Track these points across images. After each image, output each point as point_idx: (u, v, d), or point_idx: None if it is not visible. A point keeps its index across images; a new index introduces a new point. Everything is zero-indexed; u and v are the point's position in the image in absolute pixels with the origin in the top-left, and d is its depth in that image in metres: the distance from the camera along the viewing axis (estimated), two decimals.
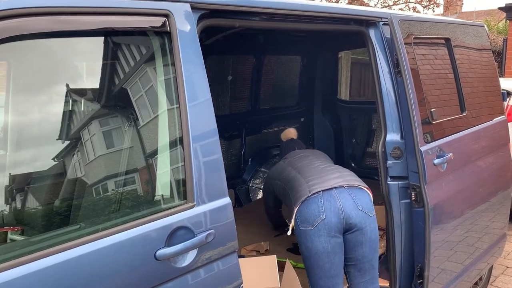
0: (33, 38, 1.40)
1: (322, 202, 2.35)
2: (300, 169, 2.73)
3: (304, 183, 2.51)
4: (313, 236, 2.31)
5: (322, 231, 2.30)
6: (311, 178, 2.54)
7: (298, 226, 2.38)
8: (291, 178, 2.68)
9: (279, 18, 2.17)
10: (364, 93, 5.21)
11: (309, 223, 2.33)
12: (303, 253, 2.39)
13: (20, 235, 1.41)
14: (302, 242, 2.37)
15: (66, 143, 1.56)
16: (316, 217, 2.31)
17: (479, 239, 3.09)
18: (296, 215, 2.39)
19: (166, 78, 1.69)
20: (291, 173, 2.74)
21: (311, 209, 2.34)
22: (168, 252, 1.51)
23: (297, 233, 2.40)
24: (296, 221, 2.40)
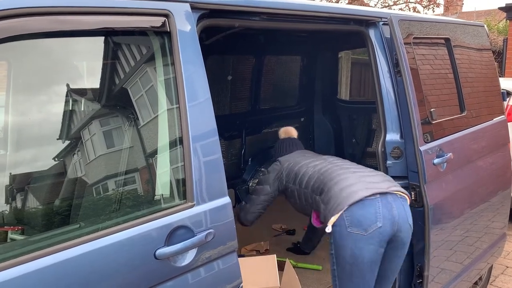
0: (33, 38, 1.41)
1: (380, 208, 2.12)
2: (341, 166, 2.45)
3: (356, 180, 2.25)
4: (364, 243, 2.09)
5: (374, 240, 2.10)
6: (363, 176, 2.29)
7: (344, 228, 2.12)
8: (328, 172, 2.39)
9: (279, 18, 2.17)
10: (364, 93, 5.21)
11: (362, 227, 2.09)
12: (344, 258, 2.15)
13: (21, 235, 1.42)
14: (346, 246, 2.12)
15: (66, 143, 1.56)
16: (372, 223, 2.09)
17: (478, 239, 3.09)
18: (345, 214, 2.12)
19: (166, 78, 1.69)
20: (325, 167, 2.45)
21: (367, 212, 2.10)
22: (167, 251, 1.51)
23: (340, 235, 2.13)
24: (342, 221, 2.13)
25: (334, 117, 4.79)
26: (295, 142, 3.06)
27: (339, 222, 2.13)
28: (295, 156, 2.80)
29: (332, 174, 2.36)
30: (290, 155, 2.86)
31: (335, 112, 4.79)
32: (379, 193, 2.15)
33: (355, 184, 2.22)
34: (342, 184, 2.24)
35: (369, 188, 2.18)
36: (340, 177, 2.30)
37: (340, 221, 2.13)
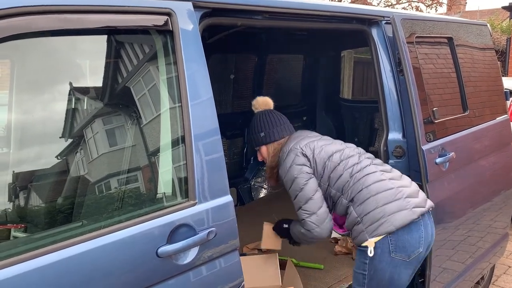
0: (35, 37, 1.41)
1: (423, 232, 2.00)
2: (374, 166, 2.14)
3: (398, 194, 2.01)
4: (404, 269, 2.00)
5: (413, 265, 2.02)
6: (401, 188, 2.05)
7: (387, 252, 1.97)
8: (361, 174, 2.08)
9: (281, 16, 2.17)
10: (366, 92, 5.20)
11: (406, 253, 1.97)
12: (380, 282, 2.01)
13: (23, 232, 1.42)
14: (385, 271, 1.99)
15: (69, 141, 1.57)
16: (415, 249, 1.99)
17: (481, 239, 3.09)
18: (391, 238, 1.96)
19: (168, 77, 1.70)
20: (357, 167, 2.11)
21: (413, 238, 1.98)
22: (169, 249, 1.51)
23: (381, 258, 1.98)
24: (386, 244, 1.96)
25: (336, 116, 4.79)
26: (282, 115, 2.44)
27: (382, 245, 1.97)
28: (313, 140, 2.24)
29: (367, 181, 2.06)
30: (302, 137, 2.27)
31: (337, 111, 4.78)
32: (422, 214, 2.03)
33: (398, 201, 2.00)
34: (383, 198, 2.00)
35: (414, 208, 2.01)
36: (379, 187, 2.03)
37: (383, 244, 1.97)
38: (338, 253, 3.39)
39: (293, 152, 2.18)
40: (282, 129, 2.36)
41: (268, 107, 2.46)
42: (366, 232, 2.00)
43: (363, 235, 2.01)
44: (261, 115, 2.40)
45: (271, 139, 2.33)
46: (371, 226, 1.99)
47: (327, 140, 2.29)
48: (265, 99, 2.49)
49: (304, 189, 2.10)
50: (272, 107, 2.49)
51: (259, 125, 2.37)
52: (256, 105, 2.47)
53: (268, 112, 2.41)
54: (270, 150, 2.35)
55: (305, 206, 2.10)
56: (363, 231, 2.01)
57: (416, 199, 2.06)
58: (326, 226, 2.10)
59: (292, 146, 2.22)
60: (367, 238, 1.99)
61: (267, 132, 2.34)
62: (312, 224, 2.09)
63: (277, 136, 2.33)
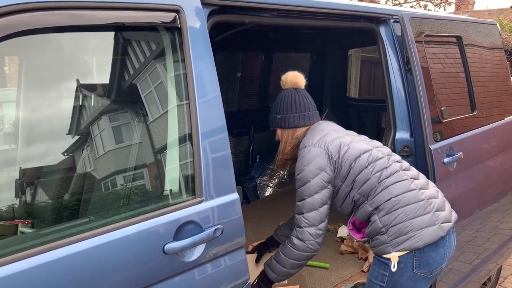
0: (43, 33, 1.41)
1: (447, 248, 1.92)
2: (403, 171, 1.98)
3: (428, 207, 1.90)
4: (424, 285, 1.93)
5: (433, 279, 1.96)
6: (429, 199, 1.93)
7: (410, 268, 1.87)
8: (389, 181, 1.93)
9: (289, 14, 2.16)
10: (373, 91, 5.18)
11: (429, 270, 1.89)
12: None
13: (31, 228, 1.43)
14: (405, 285, 1.90)
15: (76, 138, 1.57)
16: (439, 266, 1.91)
17: (488, 240, 3.06)
18: (416, 254, 1.86)
19: (176, 74, 1.69)
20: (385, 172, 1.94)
21: (438, 255, 1.89)
22: (176, 246, 1.51)
23: (403, 274, 1.88)
24: (410, 259, 1.87)
25: (343, 115, 4.77)
26: (310, 100, 2.16)
27: (406, 260, 1.86)
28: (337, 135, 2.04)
29: (396, 189, 1.91)
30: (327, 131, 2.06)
31: (344, 110, 4.77)
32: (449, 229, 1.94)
33: (428, 215, 1.89)
34: (413, 210, 1.88)
35: (443, 224, 1.91)
36: (408, 198, 1.90)
37: (407, 259, 1.86)
38: (344, 252, 3.38)
39: (317, 149, 1.96)
40: (302, 116, 2.10)
41: (297, 86, 2.16)
42: (391, 245, 1.87)
43: (386, 247, 1.89)
44: (285, 95, 2.14)
45: (286, 124, 2.10)
46: (397, 240, 1.86)
47: (353, 136, 2.09)
48: (295, 76, 2.17)
49: (313, 197, 1.93)
50: (302, 86, 2.18)
51: (279, 105, 2.12)
52: (284, 82, 2.19)
53: (293, 93, 2.12)
54: (284, 135, 2.13)
55: (308, 215, 1.95)
56: (387, 243, 1.88)
57: (444, 213, 1.95)
58: (320, 241, 1.97)
59: (316, 141, 1.99)
60: (390, 251, 1.87)
61: (283, 116, 2.10)
62: (310, 235, 1.94)
63: (295, 123, 2.09)
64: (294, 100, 2.11)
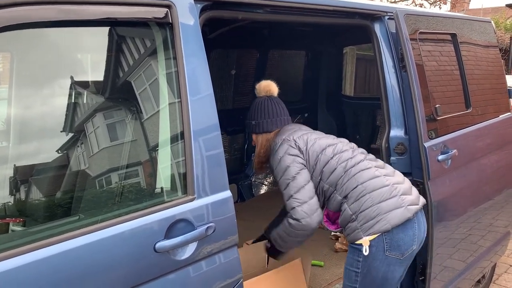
0: (33, 28, 1.39)
1: (416, 229, 1.99)
2: (368, 161, 2.11)
3: (394, 191, 2.00)
4: (398, 267, 1.99)
5: (406, 261, 2.01)
6: (395, 185, 2.03)
7: (381, 251, 1.95)
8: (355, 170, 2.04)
9: (283, 10, 2.15)
10: (368, 89, 5.18)
11: (400, 252, 1.96)
12: (373, 281, 2.00)
13: (22, 227, 1.41)
14: (380, 270, 1.97)
15: (68, 136, 1.55)
16: (409, 247, 1.97)
17: (482, 237, 3.07)
18: (386, 236, 1.94)
19: (168, 71, 1.68)
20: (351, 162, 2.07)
21: (407, 236, 1.97)
22: (167, 244, 1.50)
23: (375, 257, 1.95)
24: (381, 243, 1.95)
25: (338, 113, 4.77)
26: (282, 106, 2.34)
27: (377, 243, 1.95)
28: (305, 132, 2.20)
29: (362, 176, 2.03)
30: (296, 130, 2.22)
31: (339, 108, 4.77)
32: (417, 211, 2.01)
33: (394, 199, 1.98)
34: (379, 196, 1.98)
35: (409, 206, 1.99)
36: (374, 184, 2.01)
37: (378, 243, 1.94)
38: (338, 250, 3.38)
39: (287, 143, 2.11)
40: (275, 121, 2.26)
41: (270, 94, 2.34)
42: (361, 230, 1.96)
43: (357, 233, 1.98)
44: (259, 102, 2.30)
45: (260, 129, 2.26)
46: (366, 224, 1.96)
47: (320, 134, 2.23)
48: (268, 85, 2.36)
49: (296, 178, 2.03)
50: (275, 93, 2.36)
51: (253, 112, 2.29)
52: (258, 90, 2.36)
53: (266, 100, 2.29)
54: (259, 140, 2.29)
55: (297, 194, 2.01)
56: (357, 229, 1.97)
57: (410, 197, 2.04)
58: (316, 217, 2.01)
59: (285, 137, 2.15)
60: (361, 236, 1.96)
61: (257, 122, 2.26)
62: (303, 213, 1.99)
63: (267, 128, 2.25)
64: (267, 106, 2.27)
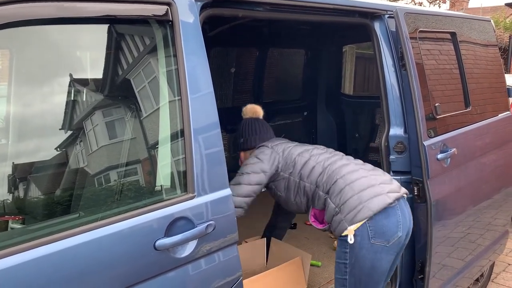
0: (32, 25, 1.39)
1: (400, 216, 2.04)
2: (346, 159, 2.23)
3: (372, 181, 2.09)
4: (385, 255, 2.02)
5: (393, 250, 2.04)
6: (374, 176, 2.13)
7: (367, 238, 1.99)
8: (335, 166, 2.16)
9: (283, 8, 2.14)
10: (368, 88, 5.18)
11: (385, 238, 2.00)
12: (362, 270, 2.04)
13: (21, 224, 1.41)
14: (367, 258, 2.02)
15: (67, 133, 1.55)
16: (394, 234, 2.01)
17: (481, 236, 3.07)
18: (369, 223, 1.99)
19: (168, 69, 1.67)
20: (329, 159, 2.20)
21: (391, 222, 2.01)
22: (167, 242, 1.50)
23: (361, 245, 2.00)
24: (365, 230, 2.00)
25: (338, 112, 4.77)
26: (266, 126, 2.57)
27: (361, 231, 1.99)
28: (283, 142, 2.42)
29: (341, 171, 2.13)
30: (275, 141, 2.44)
31: (339, 106, 4.77)
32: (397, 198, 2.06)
33: (374, 187, 2.05)
34: (359, 186, 2.06)
35: (389, 193, 2.05)
36: (353, 176, 2.10)
37: (362, 230, 1.99)
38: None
39: (263, 147, 2.36)
40: (260, 137, 2.46)
41: (256, 115, 2.59)
42: (345, 221, 2.02)
43: (342, 224, 2.04)
44: (245, 122, 2.53)
45: (247, 145, 2.46)
46: (349, 214, 2.02)
47: (299, 145, 2.41)
48: (253, 107, 2.61)
49: (243, 176, 2.25)
50: (261, 115, 2.61)
51: (241, 131, 2.50)
52: (244, 112, 2.61)
53: (252, 120, 2.53)
54: (246, 157, 2.44)
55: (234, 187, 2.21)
56: (342, 220, 2.04)
57: (390, 185, 2.11)
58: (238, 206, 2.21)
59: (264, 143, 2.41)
60: (346, 226, 2.02)
61: (245, 139, 2.46)
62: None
63: (254, 143, 2.44)
64: (253, 125, 2.51)
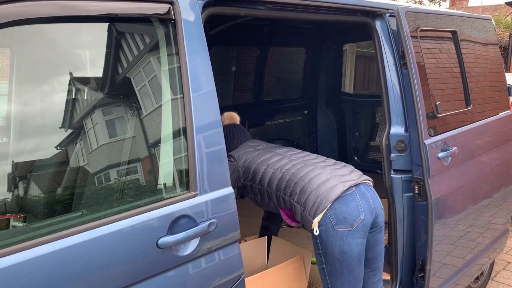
0: (34, 24, 1.39)
1: (359, 200, 2.16)
2: (304, 161, 2.37)
3: (329, 175, 2.22)
4: (351, 239, 2.11)
5: (360, 233, 2.13)
6: (332, 170, 2.27)
7: (330, 226, 2.11)
8: (293, 170, 2.31)
9: (284, 7, 2.14)
10: (368, 87, 5.19)
11: (348, 223, 2.11)
12: (333, 257, 2.14)
13: (23, 222, 1.41)
14: (335, 245, 2.12)
15: (69, 132, 1.55)
16: (356, 217, 2.12)
17: (481, 234, 3.08)
18: (329, 212, 2.11)
19: (170, 67, 1.68)
20: (287, 165, 2.36)
21: (350, 208, 2.12)
22: (170, 240, 1.50)
23: (327, 234, 2.12)
24: (327, 219, 2.12)
25: (338, 111, 4.77)
26: (242, 130, 2.81)
27: (324, 221, 2.12)
28: (248, 151, 2.60)
29: (300, 172, 2.28)
30: (242, 149, 2.65)
31: (339, 105, 4.77)
32: (354, 185, 2.18)
33: (330, 180, 2.19)
34: (316, 182, 2.20)
35: (344, 181, 2.17)
36: (311, 174, 2.25)
37: (325, 220, 2.12)
38: None
39: (229, 158, 2.52)
40: (238, 142, 2.66)
41: (233, 121, 2.78)
42: (310, 215, 2.16)
43: (308, 219, 2.17)
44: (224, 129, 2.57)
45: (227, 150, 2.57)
46: (311, 209, 2.16)
47: (265, 150, 2.56)
48: (230, 114, 2.82)
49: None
50: (238, 121, 2.82)
51: None
52: (223, 119, 2.75)
53: (231, 127, 2.71)
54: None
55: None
56: (307, 215, 2.18)
57: (348, 176, 2.24)
58: None
59: (231, 153, 2.59)
60: (311, 220, 2.15)
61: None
62: None
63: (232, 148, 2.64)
64: (232, 131, 2.72)
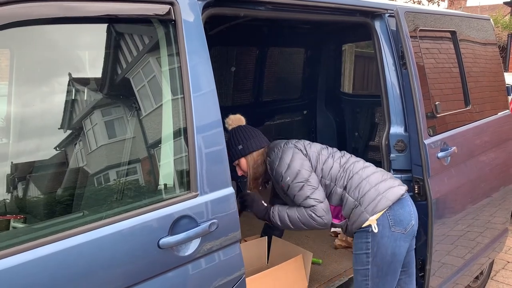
0: (34, 25, 1.39)
1: (411, 205, 2.20)
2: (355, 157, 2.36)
3: (385, 175, 2.25)
4: (403, 242, 2.14)
5: (409, 237, 2.18)
6: (383, 172, 2.29)
7: (387, 227, 2.11)
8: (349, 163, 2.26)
9: (284, 8, 2.15)
10: (367, 87, 5.19)
11: (402, 226, 2.13)
12: (384, 258, 2.13)
13: (23, 223, 1.41)
14: (388, 246, 2.12)
15: (70, 133, 1.55)
16: (409, 222, 2.15)
17: (480, 234, 3.09)
18: (388, 213, 2.12)
19: (171, 68, 1.68)
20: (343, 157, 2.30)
21: (406, 211, 2.16)
22: (171, 240, 1.51)
23: (383, 234, 2.11)
24: (385, 220, 2.12)
25: (337, 111, 4.77)
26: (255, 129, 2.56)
27: (382, 221, 2.11)
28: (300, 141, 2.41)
29: (355, 166, 2.25)
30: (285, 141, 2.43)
31: (338, 105, 4.77)
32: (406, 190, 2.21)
33: (388, 181, 2.20)
34: (376, 179, 2.19)
35: (400, 186, 2.20)
36: (368, 171, 2.23)
37: (383, 220, 2.12)
38: (338, 247, 3.39)
39: (290, 148, 2.29)
40: (258, 140, 2.42)
41: (241, 123, 2.55)
42: (366, 212, 2.12)
43: (363, 215, 2.13)
44: (236, 130, 2.46)
45: (249, 149, 2.37)
46: (370, 205, 2.12)
47: (312, 143, 2.41)
48: (237, 116, 2.59)
49: (309, 180, 2.20)
50: (244, 123, 2.58)
51: (235, 139, 2.42)
52: (229, 122, 2.55)
53: (242, 127, 2.48)
54: (249, 161, 2.37)
55: (313, 195, 2.18)
56: (363, 212, 2.13)
57: (397, 180, 2.27)
58: (330, 215, 2.21)
59: (284, 144, 2.34)
60: (368, 217, 2.12)
61: (244, 144, 2.38)
62: (323, 211, 2.17)
63: (255, 146, 2.38)
64: (246, 131, 2.45)
